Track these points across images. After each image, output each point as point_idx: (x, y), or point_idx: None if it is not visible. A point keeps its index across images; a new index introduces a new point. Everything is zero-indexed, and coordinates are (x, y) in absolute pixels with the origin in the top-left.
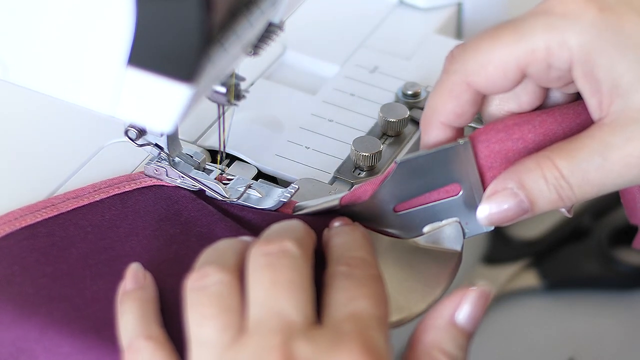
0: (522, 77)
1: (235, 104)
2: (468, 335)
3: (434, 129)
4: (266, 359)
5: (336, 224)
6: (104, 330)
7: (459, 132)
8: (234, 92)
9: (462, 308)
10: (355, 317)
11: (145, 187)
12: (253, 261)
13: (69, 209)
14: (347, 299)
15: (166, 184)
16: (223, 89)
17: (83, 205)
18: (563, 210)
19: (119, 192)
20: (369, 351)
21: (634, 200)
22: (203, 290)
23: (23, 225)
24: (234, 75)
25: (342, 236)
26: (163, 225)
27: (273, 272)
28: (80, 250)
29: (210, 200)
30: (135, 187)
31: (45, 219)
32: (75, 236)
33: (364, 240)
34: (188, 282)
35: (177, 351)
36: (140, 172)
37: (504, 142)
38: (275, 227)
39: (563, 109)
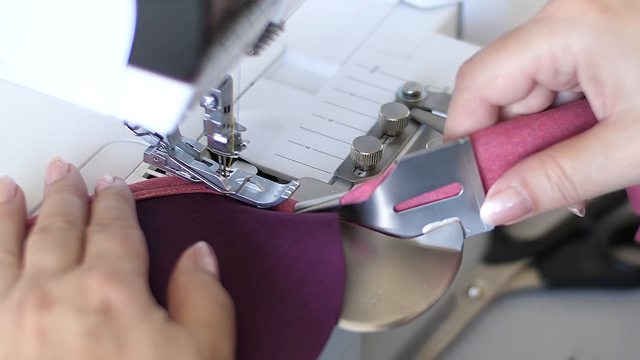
0: (533, 85)
1: (235, 155)
2: (215, 276)
3: None
4: (23, 300)
5: (102, 185)
6: None
7: None
8: (234, 143)
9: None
10: (101, 255)
11: (141, 199)
12: (29, 241)
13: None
14: (96, 245)
15: (164, 194)
16: (224, 140)
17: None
18: (575, 210)
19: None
20: (112, 274)
21: (639, 190)
22: None
23: None
24: (234, 125)
25: (100, 201)
26: (160, 236)
27: (42, 241)
28: None
29: (209, 210)
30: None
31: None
32: None
33: (117, 201)
34: None
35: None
36: (139, 183)
37: (504, 145)
38: (49, 209)
39: (562, 111)
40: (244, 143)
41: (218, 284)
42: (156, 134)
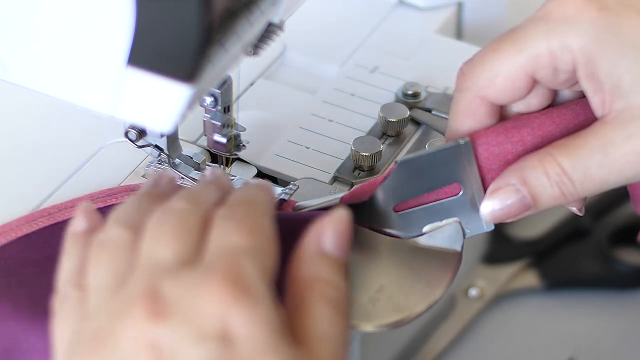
0: (533, 83)
1: (235, 155)
2: (342, 264)
3: None
4: (133, 298)
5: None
6: None
7: None
8: (234, 143)
9: (325, 237)
10: (225, 251)
11: None
12: (148, 221)
13: (65, 219)
14: (221, 236)
15: None
16: (223, 140)
17: None
18: (574, 208)
19: (116, 202)
20: (234, 283)
21: None
22: (101, 244)
23: (19, 235)
24: (233, 125)
25: (238, 189)
26: None
27: (160, 225)
28: None
29: None
30: None
31: (42, 229)
32: None
33: (255, 188)
34: (94, 239)
35: None
36: (141, 183)
37: (504, 145)
38: (181, 191)
39: (561, 110)
40: (243, 143)
41: (341, 280)
42: (156, 146)
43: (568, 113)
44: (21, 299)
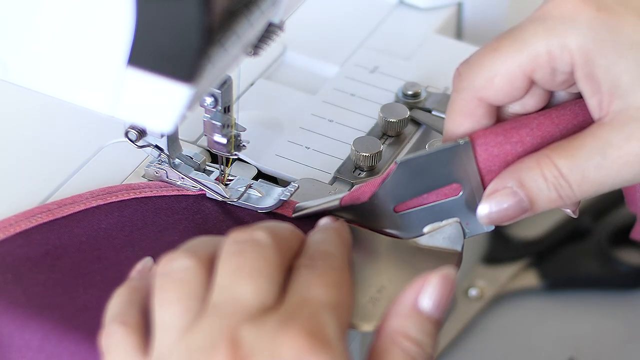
0: (531, 84)
1: (235, 155)
2: (435, 322)
3: None
4: (215, 341)
5: (321, 222)
6: (96, 338)
7: None
8: (234, 143)
9: (425, 293)
10: (307, 302)
11: (145, 197)
12: (224, 249)
13: (64, 215)
14: (303, 286)
15: (167, 194)
16: (223, 140)
17: (79, 211)
18: (568, 210)
19: (116, 199)
20: (315, 336)
21: (634, 188)
22: (167, 275)
23: (17, 231)
24: (234, 125)
25: (316, 234)
26: (162, 236)
27: (239, 259)
28: (74, 259)
29: (212, 210)
30: (134, 197)
31: (40, 225)
32: (69, 246)
33: (334, 236)
34: (158, 267)
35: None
36: (142, 183)
37: (503, 146)
38: (259, 224)
39: (560, 110)
40: (243, 143)
41: (430, 342)
42: (156, 146)
43: (567, 113)
44: (17, 295)
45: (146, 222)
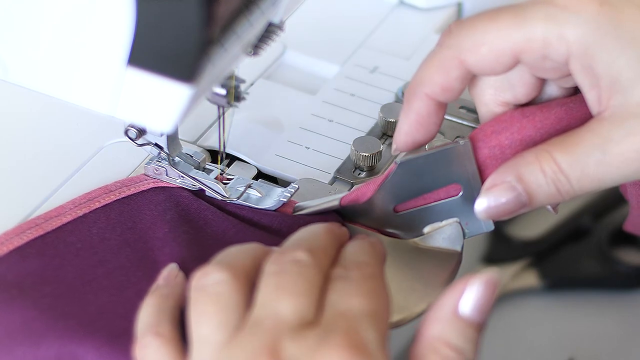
0: (515, 63)
1: (235, 106)
2: (477, 327)
3: (418, 100)
4: (256, 356)
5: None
6: (116, 342)
7: (442, 107)
8: (234, 94)
9: (466, 298)
10: (345, 314)
11: (125, 197)
12: (266, 269)
13: (53, 228)
14: (340, 298)
15: (144, 189)
16: (223, 91)
17: (67, 222)
18: (549, 207)
19: (100, 205)
20: (356, 348)
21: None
22: (202, 289)
23: (11, 248)
24: (233, 77)
25: (350, 246)
26: (154, 231)
27: (280, 278)
28: (75, 267)
29: (191, 199)
30: (115, 199)
31: (33, 240)
32: (67, 254)
33: (369, 247)
34: (192, 281)
35: (185, 351)
36: (117, 182)
37: (503, 142)
38: (296, 236)
39: (561, 105)
40: (243, 95)
41: (471, 348)
42: (156, 145)
43: (567, 108)
44: (27, 308)
45: (134, 220)
